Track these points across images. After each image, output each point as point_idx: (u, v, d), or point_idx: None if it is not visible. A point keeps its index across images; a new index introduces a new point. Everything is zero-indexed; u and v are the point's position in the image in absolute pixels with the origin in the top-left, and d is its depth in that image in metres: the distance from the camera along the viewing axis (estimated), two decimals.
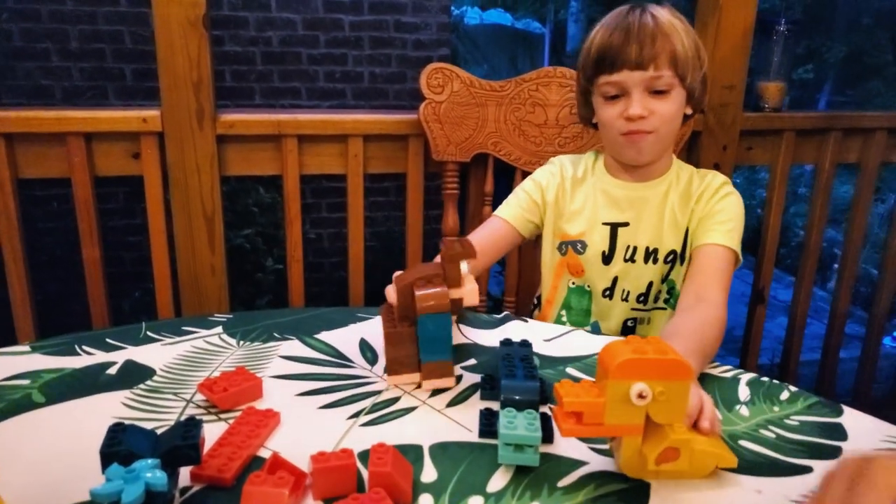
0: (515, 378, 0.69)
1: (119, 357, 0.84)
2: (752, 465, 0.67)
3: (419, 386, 0.78)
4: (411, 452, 0.67)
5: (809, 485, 0.65)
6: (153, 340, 0.89)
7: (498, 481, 0.64)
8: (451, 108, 1.46)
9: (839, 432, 0.74)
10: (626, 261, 1.10)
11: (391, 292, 0.81)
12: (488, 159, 1.52)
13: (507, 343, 0.79)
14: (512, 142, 1.49)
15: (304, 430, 0.70)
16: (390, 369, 0.78)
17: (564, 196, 1.15)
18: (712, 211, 1.06)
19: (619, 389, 0.58)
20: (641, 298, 1.10)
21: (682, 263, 1.09)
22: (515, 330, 0.95)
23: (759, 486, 0.64)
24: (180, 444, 0.57)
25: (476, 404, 0.76)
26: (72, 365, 0.82)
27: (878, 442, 0.71)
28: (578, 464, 0.67)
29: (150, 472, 0.50)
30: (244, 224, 3.02)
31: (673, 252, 1.08)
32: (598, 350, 0.60)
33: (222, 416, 0.72)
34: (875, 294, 2.03)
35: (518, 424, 0.64)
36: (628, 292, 1.10)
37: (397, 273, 0.82)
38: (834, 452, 0.70)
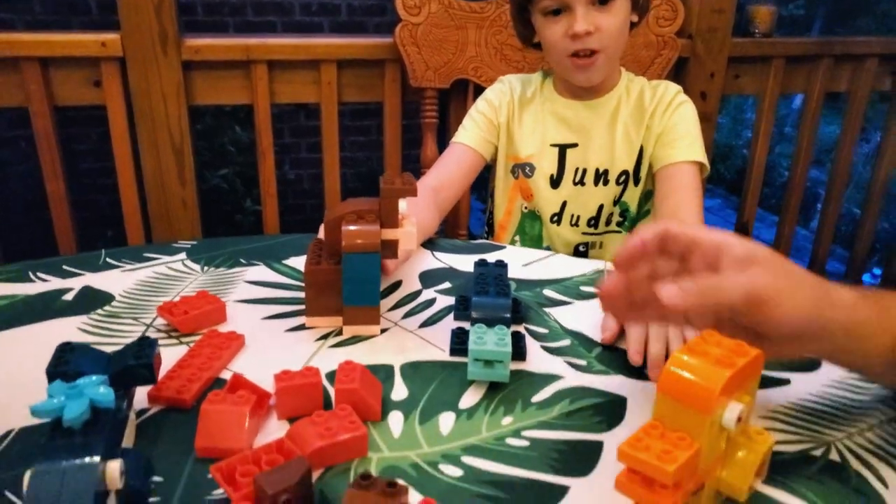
0: (488, 295, 0.66)
1: (76, 283, 0.80)
2: None
3: (340, 332, 0.72)
4: (381, 372, 0.65)
5: (789, 396, 0.63)
6: (112, 267, 0.85)
7: (470, 398, 0.62)
8: (429, 31, 1.39)
9: None
10: (575, 184, 1.05)
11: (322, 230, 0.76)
12: (469, 86, 1.46)
13: (481, 264, 0.75)
14: (493, 67, 1.43)
15: (270, 352, 0.67)
16: (309, 311, 0.72)
17: (514, 117, 1.11)
18: (669, 125, 1.01)
19: (715, 421, 0.45)
20: (592, 222, 1.07)
21: (636, 184, 1.05)
22: (492, 255, 0.92)
23: None
24: (133, 364, 0.54)
25: (449, 324, 0.73)
26: (25, 291, 0.78)
27: None
28: (552, 378, 0.65)
29: (95, 388, 0.47)
30: (221, 163, 2.94)
31: (625, 173, 1.04)
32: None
33: (184, 339, 0.69)
34: (856, 232, 2.02)
35: (487, 340, 0.61)
36: (578, 217, 1.06)
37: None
38: (814, 366, 0.68)
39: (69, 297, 0.77)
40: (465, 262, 0.89)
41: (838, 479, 0.53)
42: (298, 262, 0.87)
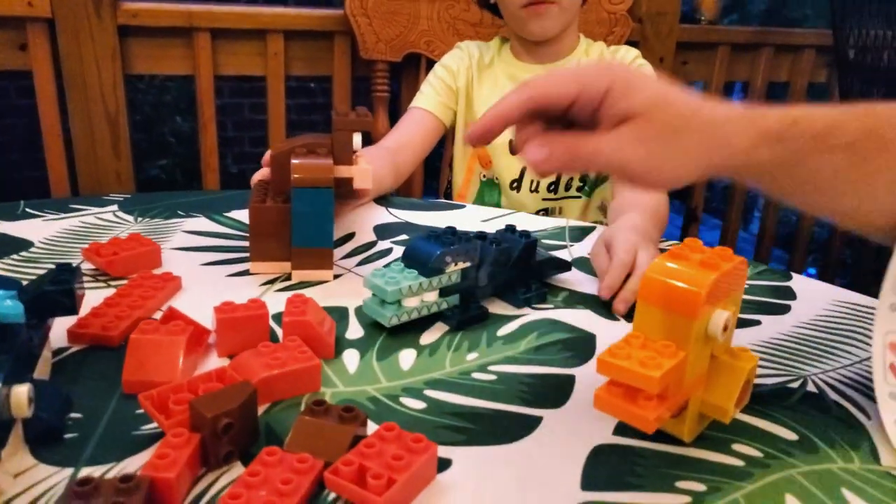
0: (428, 242, 0.60)
1: None
2: None
3: (288, 278, 0.66)
4: (335, 313, 0.59)
5: (762, 336, 0.61)
6: (32, 216, 0.77)
7: (431, 335, 0.57)
8: (381, 3, 1.35)
9: (789, 293, 0.70)
10: None
11: (265, 163, 0.71)
12: (420, 60, 1.42)
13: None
14: (445, 41, 1.39)
15: (210, 295, 0.60)
16: (254, 255, 0.66)
17: (472, 82, 1.08)
18: None
19: (700, 328, 0.41)
20: (552, 188, 1.04)
21: None
22: (452, 213, 0.88)
23: None
24: (50, 290, 0.47)
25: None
26: None
27: (827, 303, 0.68)
28: (517, 317, 0.61)
29: (0, 301, 0.41)
30: (160, 154, 2.81)
31: None
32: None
33: (113, 283, 0.62)
34: (795, 234, 2.06)
35: (386, 275, 0.56)
36: (537, 183, 1.04)
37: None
38: (784, 310, 0.66)
39: None
40: (423, 218, 0.84)
41: (818, 409, 0.51)
42: (241, 215, 0.81)
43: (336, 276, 0.67)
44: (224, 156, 3.01)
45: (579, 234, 0.83)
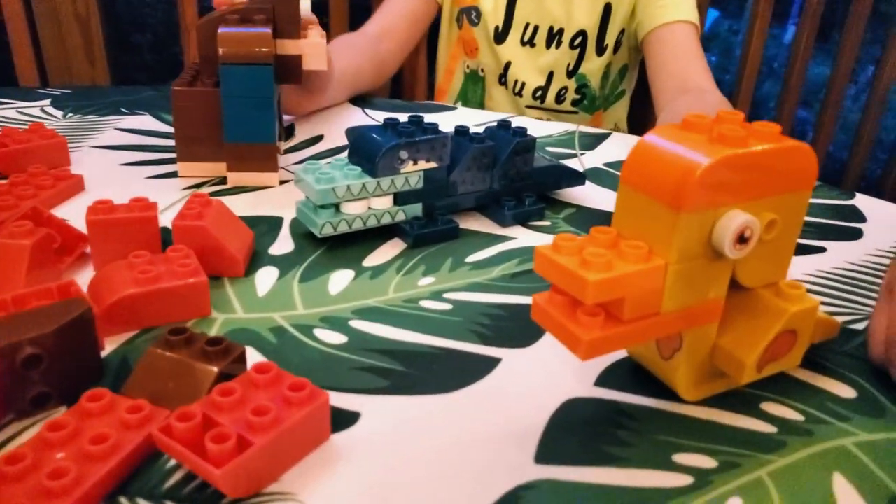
0: (381, 132, 0.46)
1: None
2: None
3: (225, 180, 0.53)
4: (264, 224, 0.47)
5: (824, 265, 0.47)
6: None
7: (379, 257, 0.44)
8: None
9: (856, 215, 0.55)
10: (523, 44, 0.85)
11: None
12: None
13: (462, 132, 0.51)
14: None
15: (118, 199, 0.49)
16: (181, 153, 0.53)
17: None
18: None
19: (695, 231, 0.28)
20: (539, 94, 0.87)
21: (598, 53, 0.84)
22: (441, 116, 0.74)
23: None
24: None
25: None
26: None
27: None
28: (499, 238, 0.48)
29: None
30: (169, 75, 2.68)
31: (582, 33, 0.83)
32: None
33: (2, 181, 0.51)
34: (843, 175, 1.84)
35: (318, 170, 0.44)
36: (523, 84, 0.87)
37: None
38: (853, 234, 0.51)
39: None
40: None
41: None
42: None
43: (283, 183, 0.54)
44: None
45: (592, 141, 0.68)
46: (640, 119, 0.97)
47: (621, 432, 0.31)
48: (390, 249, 0.45)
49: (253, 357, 0.34)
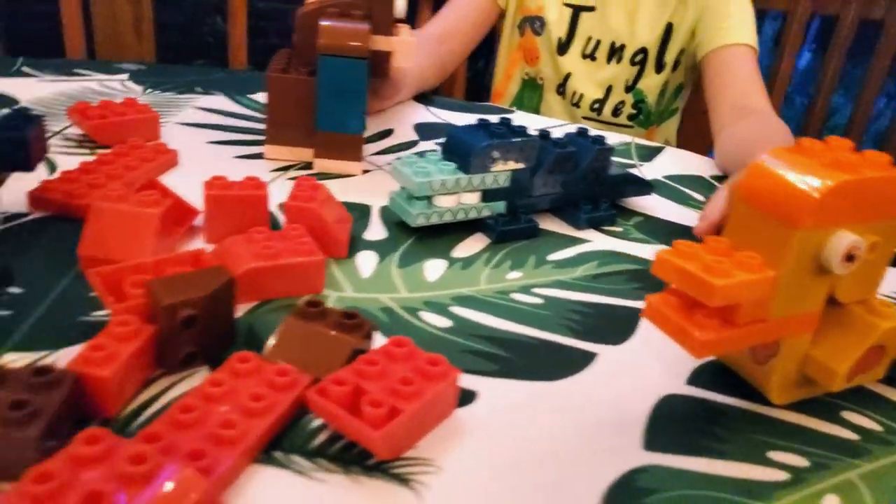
0: (475, 132, 0.48)
1: None
2: None
3: (310, 166, 0.56)
4: (355, 210, 0.49)
5: None
6: (27, 76, 0.68)
7: (467, 248, 0.47)
8: None
9: None
10: (584, 56, 0.87)
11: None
12: None
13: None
14: None
15: (209, 174, 0.51)
16: (270, 136, 0.56)
17: None
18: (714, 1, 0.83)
19: (806, 247, 0.30)
20: (596, 106, 0.89)
21: (657, 70, 0.87)
22: (507, 117, 0.75)
23: None
24: None
25: None
26: None
27: None
28: (576, 240, 0.50)
29: None
30: (196, 56, 2.70)
31: (643, 51, 0.86)
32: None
33: (99, 151, 0.53)
34: None
35: (418, 164, 0.46)
36: (581, 96, 0.89)
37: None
38: None
39: None
40: (468, 121, 0.72)
41: None
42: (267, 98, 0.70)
43: (365, 172, 0.57)
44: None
45: (647, 153, 0.70)
46: (689, 136, 1.00)
47: (717, 428, 0.33)
48: (475, 243, 0.48)
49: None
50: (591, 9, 0.86)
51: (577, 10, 0.86)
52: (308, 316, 0.33)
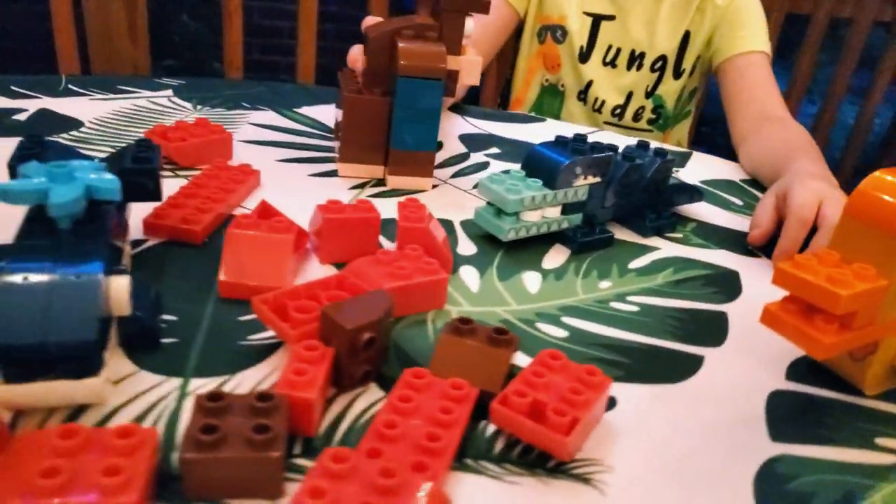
0: (556, 149, 0.52)
1: (29, 105, 0.63)
2: None
3: (382, 181, 0.58)
4: (444, 225, 0.52)
5: None
6: (76, 94, 0.68)
7: (553, 259, 0.50)
8: None
9: None
10: (605, 64, 0.92)
11: (356, 52, 0.61)
12: None
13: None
14: None
15: (295, 195, 0.53)
16: (344, 154, 0.58)
17: None
18: (732, 9, 0.87)
19: None
20: (617, 112, 0.94)
21: (675, 77, 0.92)
22: (531, 126, 0.79)
23: None
24: (130, 168, 0.39)
25: None
26: None
27: None
28: (646, 248, 0.54)
29: (92, 172, 0.33)
30: (163, 55, 2.64)
31: (662, 58, 0.91)
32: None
33: (181, 173, 0.54)
34: None
35: (506, 182, 0.49)
36: (602, 102, 0.93)
37: (369, 21, 0.60)
38: None
39: (22, 116, 0.60)
40: (507, 130, 0.76)
41: None
42: (313, 112, 0.72)
43: (434, 186, 0.59)
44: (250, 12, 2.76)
45: (679, 160, 0.75)
46: (696, 137, 1.06)
47: (826, 419, 0.37)
48: (557, 254, 0.51)
49: None
50: (611, 17, 0.90)
51: (597, 20, 0.90)
52: (461, 332, 0.35)
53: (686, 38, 0.90)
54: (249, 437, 0.27)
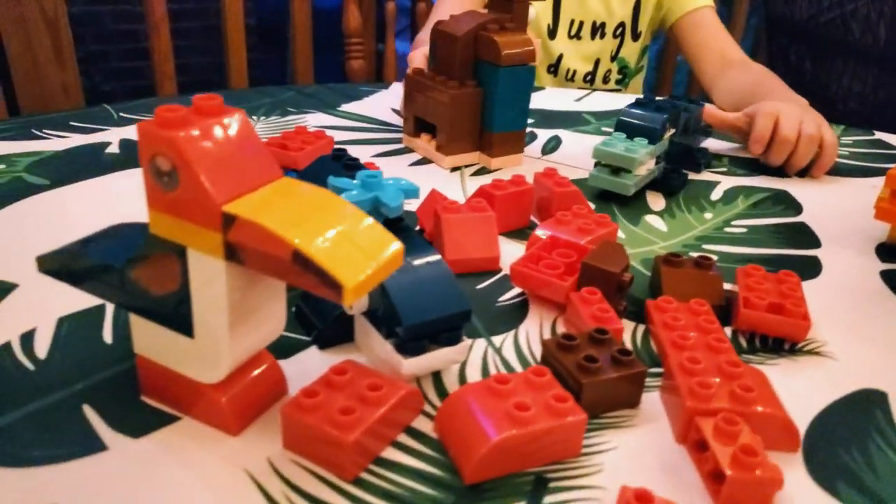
0: (646, 109, 0.60)
1: (106, 137, 0.62)
2: None
3: (479, 165, 0.63)
4: None
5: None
6: (132, 121, 0.67)
7: (656, 203, 0.59)
8: None
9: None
10: (570, 37, 1.03)
11: (418, 56, 0.67)
12: None
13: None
14: None
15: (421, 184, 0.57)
16: (447, 145, 0.62)
17: None
18: None
19: None
20: (588, 78, 1.05)
21: (634, 39, 1.04)
22: (540, 94, 0.86)
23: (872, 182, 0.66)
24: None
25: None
26: (50, 148, 0.59)
27: None
28: (710, 184, 0.64)
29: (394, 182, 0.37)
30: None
31: (622, 24, 1.03)
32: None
33: None
34: None
35: (617, 145, 0.57)
36: (574, 72, 1.04)
37: (417, 61, 0.66)
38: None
39: (112, 149, 0.60)
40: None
41: None
42: (357, 108, 0.75)
43: None
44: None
45: None
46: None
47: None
48: (655, 199, 0.59)
49: None
50: None
51: None
52: (673, 263, 0.43)
53: (637, 3, 1.01)
54: (619, 359, 0.33)
